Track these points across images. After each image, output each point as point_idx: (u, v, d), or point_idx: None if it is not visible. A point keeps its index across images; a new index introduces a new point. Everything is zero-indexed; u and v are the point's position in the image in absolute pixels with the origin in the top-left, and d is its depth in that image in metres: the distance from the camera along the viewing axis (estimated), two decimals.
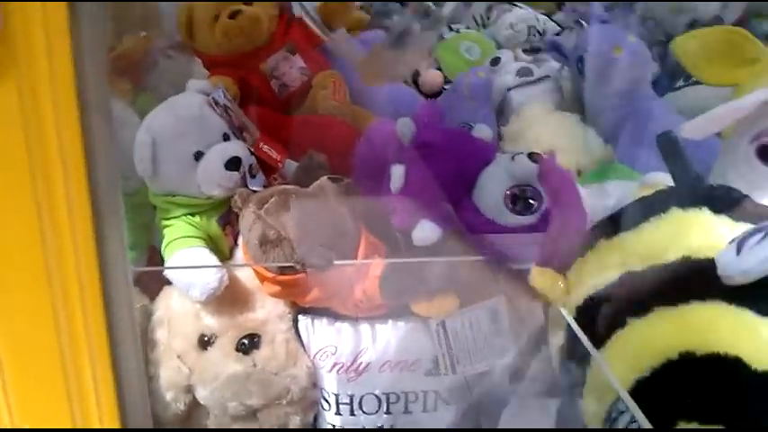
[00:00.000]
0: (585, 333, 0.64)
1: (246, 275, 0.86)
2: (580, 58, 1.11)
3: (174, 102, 0.90)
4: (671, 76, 1.32)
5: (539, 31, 1.55)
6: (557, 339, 0.70)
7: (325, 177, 0.85)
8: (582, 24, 1.47)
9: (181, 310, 0.86)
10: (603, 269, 0.65)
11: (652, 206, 0.65)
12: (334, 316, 0.84)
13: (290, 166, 0.98)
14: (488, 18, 1.64)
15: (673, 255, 0.60)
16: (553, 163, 0.80)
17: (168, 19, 1.20)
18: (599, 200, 0.88)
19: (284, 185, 0.85)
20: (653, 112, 1.09)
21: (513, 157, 0.81)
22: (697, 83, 1.23)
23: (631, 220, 0.66)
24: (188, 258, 0.85)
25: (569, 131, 1.08)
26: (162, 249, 0.88)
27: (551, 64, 1.36)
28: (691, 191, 0.65)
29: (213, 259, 0.85)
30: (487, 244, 0.79)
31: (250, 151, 0.91)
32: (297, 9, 1.15)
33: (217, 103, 0.91)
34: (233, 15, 1.05)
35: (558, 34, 1.54)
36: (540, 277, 0.69)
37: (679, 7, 1.48)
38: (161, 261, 0.88)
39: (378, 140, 0.95)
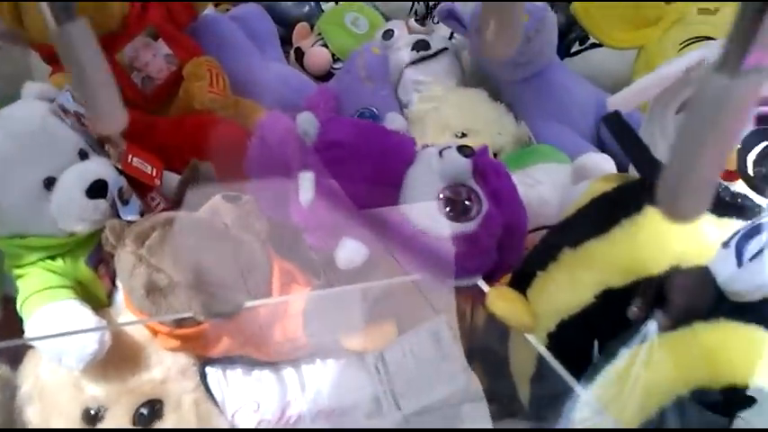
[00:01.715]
0: (563, 364, 0.55)
1: (134, 327, 0.70)
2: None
3: (6, 115, 0.70)
4: (562, 41, 1.26)
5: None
6: (524, 368, 0.61)
7: (219, 196, 0.70)
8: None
9: (55, 380, 0.68)
10: (575, 286, 0.56)
11: (620, 205, 0.57)
12: (251, 363, 0.70)
13: (169, 179, 0.81)
14: None
15: (657, 265, 0.52)
16: (487, 156, 0.70)
17: None
18: (530, 189, 0.80)
19: (166, 211, 0.68)
20: (564, 83, 1.02)
21: (440, 153, 0.70)
22: (594, 46, 1.19)
23: (597, 223, 0.57)
24: (53, 317, 0.67)
25: (480, 110, 0.99)
26: (18, 306, 0.69)
27: (442, 33, 1.26)
28: None
29: (87, 313, 0.68)
30: (423, 259, 0.68)
31: (117, 169, 0.73)
32: None
33: (65, 111, 0.72)
34: None
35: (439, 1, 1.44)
36: (500, 301, 0.59)
37: None
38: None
39: (273, 140, 0.80)
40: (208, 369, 0.70)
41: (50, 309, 0.67)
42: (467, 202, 0.68)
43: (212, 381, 0.69)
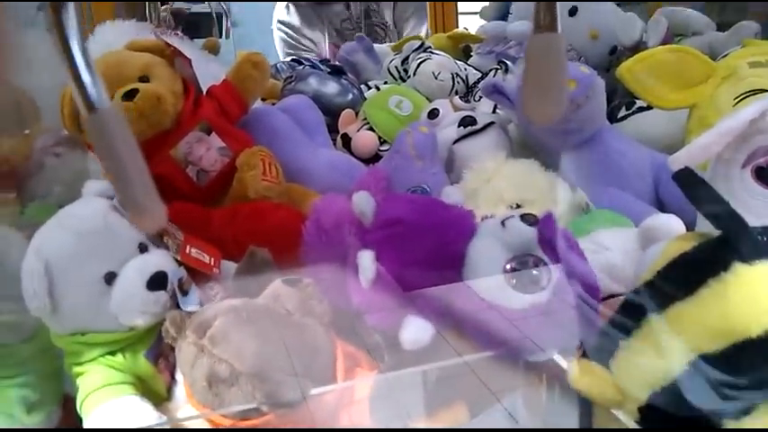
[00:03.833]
0: None
1: (196, 421, 0.67)
2: None
3: (68, 213, 0.71)
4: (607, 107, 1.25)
5: (462, 78, 1.46)
6: None
7: (279, 281, 0.68)
8: (507, 64, 1.39)
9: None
10: (663, 355, 0.51)
11: (704, 264, 0.53)
12: None
13: (227, 268, 0.80)
14: (405, 71, 1.53)
15: (756, 327, 0.47)
16: (552, 223, 0.68)
17: (50, 111, 1.00)
18: (597, 255, 0.76)
19: (228, 300, 0.67)
20: (617, 146, 1.00)
21: (503, 223, 0.67)
22: (641, 110, 1.18)
23: (680, 285, 0.53)
24: (114, 415, 0.65)
25: (533, 180, 0.97)
26: (78, 405, 0.68)
27: (484, 109, 1.27)
28: (746, 237, 0.53)
29: (148, 409, 0.66)
30: (492, 334, 0.64)
31: (176, 261, 0.73)
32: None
33: None
34: (129, 96, 0.87)
35: (479, 80, 1.46)
36: (585, 376, 0.54)
37: (598, 34, 1.44)
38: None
39: (329, 222, 0.80)
40: None
41: (111, 406, 0.65)
42: (535, 272, 0.65)
43: None
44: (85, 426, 0.66)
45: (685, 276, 0.53)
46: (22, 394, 0.73)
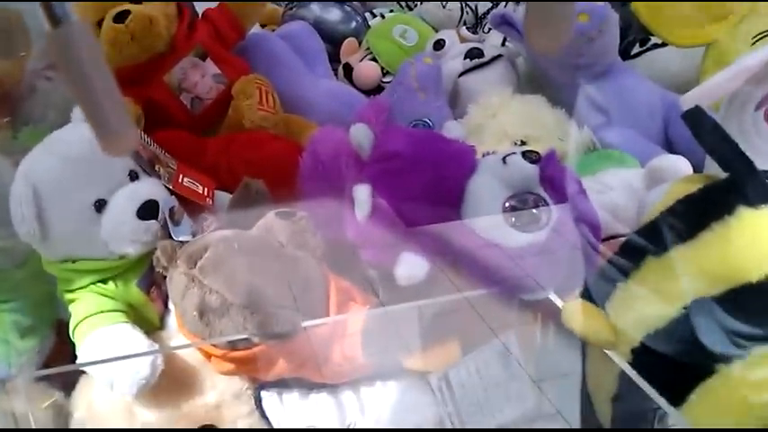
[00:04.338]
0: (649, 381, 0.49)
1: (187, 350, 0.67)
2: None
3: (56, 138, 0.69)
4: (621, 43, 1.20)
5: (471, 8, 1.40)
6: (604, 386, 0.55)
7: (272, 213, 0.67)
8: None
9: (107, 407, 0.66)
10: (660, 297, 0.50)
11: (708, 207, 0.51)
12: (308, 386, 0.66)
13: (221, 198, 0.79)
14: None
15: (757, 271, 0.46)
16: (555, 161, 0.65)
17: (40, 33, 0.96)
18: (601, 196, 0.74)
19: (220, 231, 0.66)
20: (628, 84, 0.96)
21: (504, 160, 0.65)
22: (656, 46, 1.13)
23: (681, 227, 0.51)
24: (105, 342, 0.65)
25: (539, 116, 0.94)
26: (70, 331, 0.67)
27: (494, 41, 1.22)
28: (754, 181, 0.51)
29: (139, 337, 0.66)
30: (490, 272, 0.63)
31: (168, 189, 0.71)
32: None
33: None
34: (120, 18, 0.83)
35: (490, 10, 1.40)
36: (578, 317, 0.53)
37: None
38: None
39: (327, 155, 0.78)
40: (263, 393, 0.66)
41: (102, 333, 0.65)
42: (535, 211, 0.63)
43: (268, 405, 0.66)
44: (78, 352, 0.66)
45: (689, 219, 0.52)
46: (15, 319, 0.73)
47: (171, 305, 0.71)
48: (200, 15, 0.96)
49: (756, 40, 0.94)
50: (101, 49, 0.31)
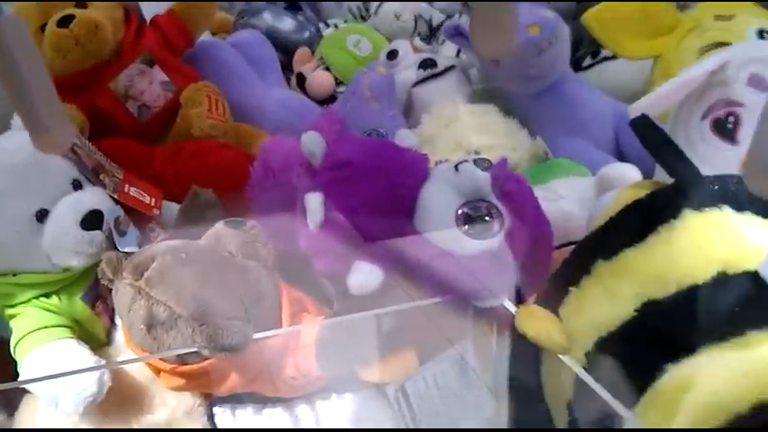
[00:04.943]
0: (603, 385, 0.49)
1: (135, 366, 0.65)
2: None
3: None
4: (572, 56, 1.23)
5: (425, 20, 1.41)
6: (560, 392, 0.55)
7: (221, 222, 0.65)
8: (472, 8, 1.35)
9: (53, 426, 0.63)
10: (612, 300, 0.51)
11: (655, 211, 0.52)
12: (262, 400, 0.65)
13: (169, 208, 0.77)
14: (366, 10, 1.47)
15: (702, 273, 0.47)
16: (506, 169, 0.66)
17: None
18: (552, 204, 0.75)
19: (167, 241, 0.64)
20: (579, 95, 0.98)
21: (456, 167, 0.65)
22: (606, 59, 1.16)
23: (630, 232, 0.52)
24: (49, 358, 0.62)
25: (492, 126, 0.95)
26: (11, 348, 0.64)
27: (447, 53, 1.23)
28: (699, 185, 0.52)
29: (85, 353, 0.63)
30: (443, 281, 0.63)
31: (113, 199, 0.69)
32: None
33: None
34: (64, 23, 0.80)
35: (443, 22, 1.41)
36: (531, 321, 0.54)
37: None
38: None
39: (278, 163, 0.76)
40: (215, 409, 0.65)
41: (46, 349, 0.63)
42: (487, 218, 0.63)
43: (221, 421, 0.64)
44: (20, 370, 0.63)
45: (636, 223, 0.53)
46: None
47: (118, 320, 0.69)
48: (147, 21, 0.94)
49: (702, 53, 0.98)
50: (34, 44, 0.30)
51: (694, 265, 0.48)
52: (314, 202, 0.65)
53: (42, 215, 0.64)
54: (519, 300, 0.62)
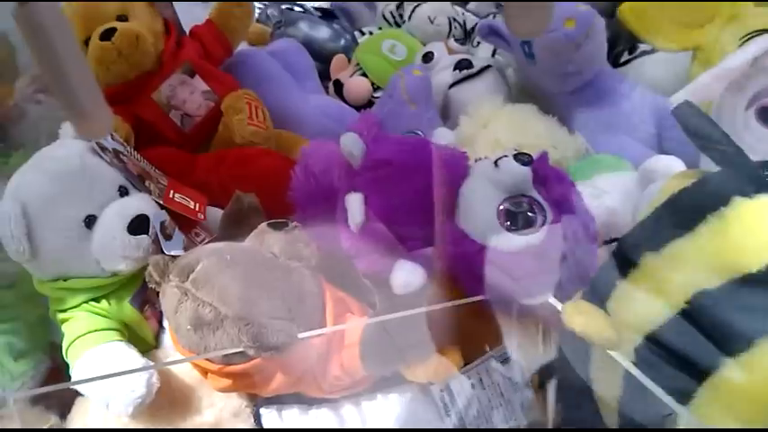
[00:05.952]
0: (657, 383, 0.48)
1: (183, 367, 0.66)
2: (526, 40, 0.97)
3: (44, 155, 0.68)
4: (610, 52, 1.21)
5: (459, 23, 1.40)
6: (609, 389, 0.54)
7: (264, 224, 0.66)
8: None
9: (104, 428, 0.64)
10: (660, 293, 0.50)
11: (703, 199, 0.50)
12: (308, 401, 0.65)
13: (213, 214, 0.78)
14: (400, 16, 1.48)
15: (756, 260, 0.45)
16: (547, 163, 0.65)
17: (26, 57, 0.96)
18: (596, 200, 0.74)
19: (212, 243, 0.65)
20: (618, 89, 0.96)
21: (495, 163, 0.65)
22: (644, 53, 1.14)
23: (678, 221, 0.51)
24: (100, 361, 0.63)
25: (531, 125, 0.94)
26: (63, 351, 0.66)
27: (482, 53, 1.23)
28: (747, 171, 0.51)
29: (134, 355, 0.64)
30: (487, 278, 0.62)
31: (159, 204, 0.71)
32: None
33: (104, 149, 0.70)
34: (106, 36, 0.83)
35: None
36: (579, 316, 0.53)
37: None
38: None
39: (318, 167, 0.77)
40: (262, 410, 0.65)
41: (96, 352, 0.64)
42: (529, 213, 0.62)
43: (267, 422, 0.64)
44: (72, 372, 0.65)
45: (684, 212, 0.51)
46: (7, 341, 0.72)
47: (165, 323, 0.70)
48: (187, 33, 0.96)
49: (743, 42, 0.95)
50: (70, 27, 0.30)
51: (747, 252, 0.46)
52: (354, 202, 0.65)
53: (91, 221, 0.66)
54: (564, 297, 0.61)
